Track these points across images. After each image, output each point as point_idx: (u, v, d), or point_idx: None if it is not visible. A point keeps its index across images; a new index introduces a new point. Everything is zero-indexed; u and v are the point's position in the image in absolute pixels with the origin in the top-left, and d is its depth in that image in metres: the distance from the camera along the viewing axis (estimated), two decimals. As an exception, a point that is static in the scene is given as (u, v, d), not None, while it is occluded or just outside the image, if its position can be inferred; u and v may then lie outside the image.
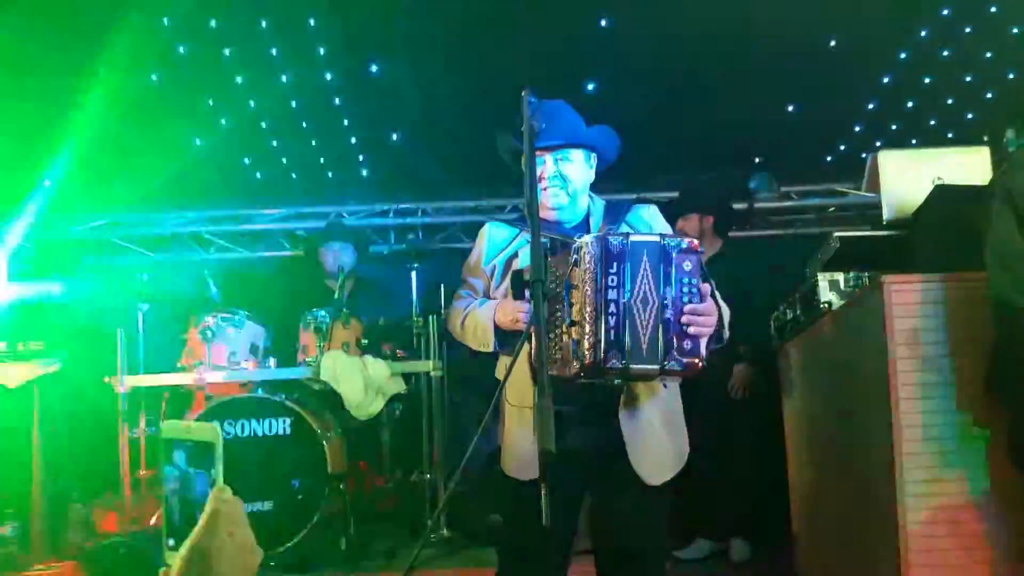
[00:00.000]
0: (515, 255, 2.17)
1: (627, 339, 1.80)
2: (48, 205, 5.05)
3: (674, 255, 1.85)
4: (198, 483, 0.83)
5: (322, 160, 5.28)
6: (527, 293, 1.93)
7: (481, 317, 2.14)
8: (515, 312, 2.00)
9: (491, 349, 2.13)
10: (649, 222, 2.22)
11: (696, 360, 1.84)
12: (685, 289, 1.85)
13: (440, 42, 4.40)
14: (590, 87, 4.67)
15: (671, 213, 4.47)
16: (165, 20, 4.10)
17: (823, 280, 2.78)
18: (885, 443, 2.20)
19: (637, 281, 1.82)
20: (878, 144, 4.84)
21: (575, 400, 1.97)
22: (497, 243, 2.23)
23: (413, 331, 4.34)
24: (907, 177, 2.74)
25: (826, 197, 5.57)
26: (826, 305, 2.76)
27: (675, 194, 4.83)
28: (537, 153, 2.10)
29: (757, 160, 5.53)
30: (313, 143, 5.07)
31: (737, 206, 5.23)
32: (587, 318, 1.81)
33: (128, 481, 3.78)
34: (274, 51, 4.41)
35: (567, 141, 2.15)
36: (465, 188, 5.45)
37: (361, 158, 5.30)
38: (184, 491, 0.83)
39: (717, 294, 1.98)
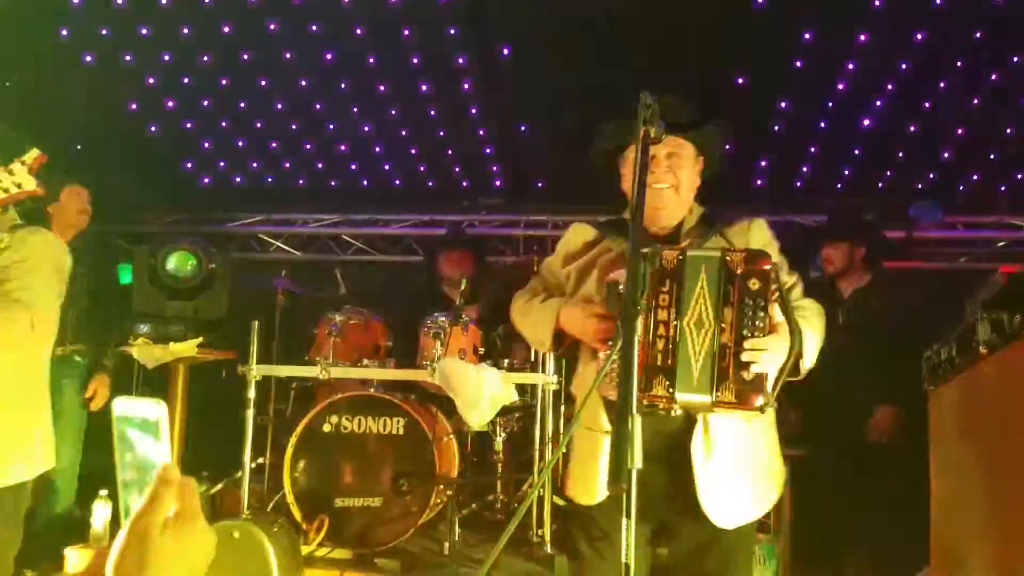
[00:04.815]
0: (593, 264, 2.01)
1: (676, 365, 1.63)
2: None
3: (738, 272, 1.64)
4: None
5: (457, 169, 5.38)
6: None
7: (544, 312, 2.01)
8: (583, 322, 1.85)
9: (546, 349, 2.07)
10: (748, 236, 1.96)
11: (757, 394, 1.61)
12: (749, 312, 1.63)
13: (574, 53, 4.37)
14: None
15: (818, 238, 4.16)
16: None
17: (983, 319, 2.46)
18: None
19: (692, 301, 1.65)
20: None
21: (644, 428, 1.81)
22: (576, 248, 2.09)
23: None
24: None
25: (998, 229, 5.04)
26: (985, 347, 2.43)
27: (823, 217, 4.52)
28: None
29: (920, 187, 5.09)
30: (448, 152, 5.19)
31: (893, 235, 4.82)
32: (638, 339, 1.66)
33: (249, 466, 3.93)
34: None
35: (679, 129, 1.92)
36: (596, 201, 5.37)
37: (495, 168, 5.35)
38: (143, 476, 0.79)
39: (797, 319, 1.72)
